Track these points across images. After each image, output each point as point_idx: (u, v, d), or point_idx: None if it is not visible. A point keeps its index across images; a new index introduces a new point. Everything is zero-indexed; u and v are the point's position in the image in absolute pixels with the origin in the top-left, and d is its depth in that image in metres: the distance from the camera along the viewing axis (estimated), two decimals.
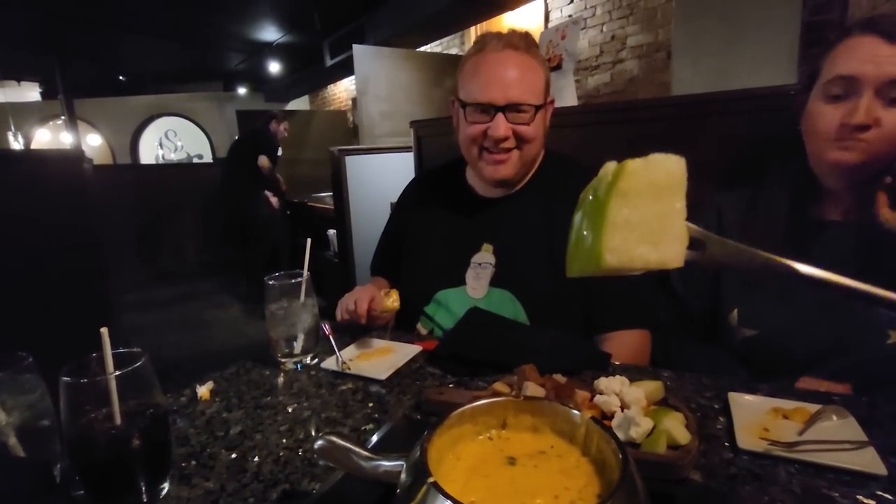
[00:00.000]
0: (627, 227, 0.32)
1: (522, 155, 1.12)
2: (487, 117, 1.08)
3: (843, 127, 0.88)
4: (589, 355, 0.90)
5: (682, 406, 0.68)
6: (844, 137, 0.88)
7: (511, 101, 1.06)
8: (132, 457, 0.58)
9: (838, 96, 0.89)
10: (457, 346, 0.94)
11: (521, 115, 1.08)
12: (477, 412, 0.53)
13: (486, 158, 1.12)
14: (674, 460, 0.59)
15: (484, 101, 1.08)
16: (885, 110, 0.85)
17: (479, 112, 1.09)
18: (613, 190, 0.31)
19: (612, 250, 0.31)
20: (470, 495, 0.45)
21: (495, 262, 1.15)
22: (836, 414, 0.68)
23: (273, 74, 9.12)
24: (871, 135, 0.86)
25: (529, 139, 1.10)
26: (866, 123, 0.85)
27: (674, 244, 0.31)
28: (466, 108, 1.12)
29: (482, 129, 1.10)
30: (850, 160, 0.88)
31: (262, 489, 0.61)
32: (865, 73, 0.85)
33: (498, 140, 1.08)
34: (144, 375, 0.59)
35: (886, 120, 0.85)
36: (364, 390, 0.86)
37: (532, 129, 1.10)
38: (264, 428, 0.75)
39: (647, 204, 0.32)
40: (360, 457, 0.51)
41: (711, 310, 1.07)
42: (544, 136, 1.17)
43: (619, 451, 0.44)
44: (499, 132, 1.07)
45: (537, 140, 1.13)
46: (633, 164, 0.33)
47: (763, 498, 0.56)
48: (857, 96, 0.86)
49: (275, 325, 0.96)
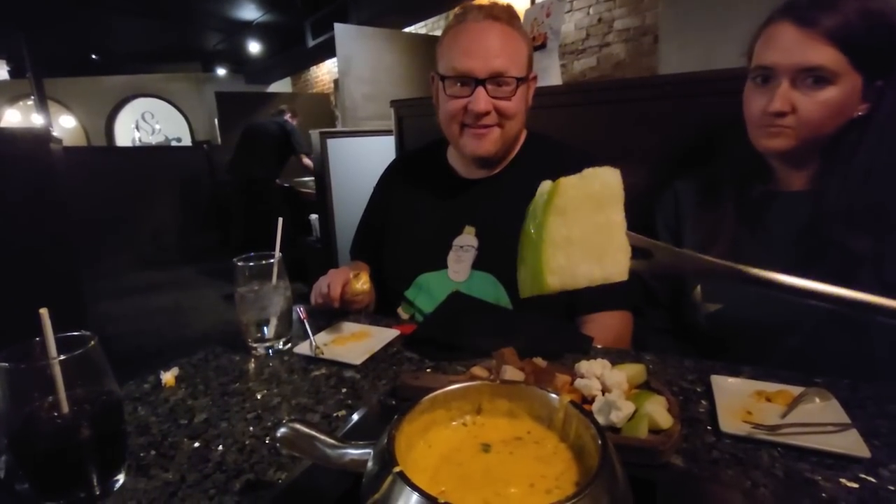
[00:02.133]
0: (568, 245, 0.30)
1: (504, 132, 1.08)
2: (467, 90, 1.04)
3: (765, 115, 0.89)
4: (571, 338, 0.88)
5: (664, 389, 0.66)
6: (767, 124, 0.89)
7: (493, 71, 1.02)
8: (81, 448, 0.54)
9: (761, 83, 0.90)
10: (435, 330, 0.91)
11: (503, 88, 1.04)
12: (450, 397, 0.51)
13: (468, 133, 1.08)
14: (655, 445, 0.57)
15: (464, 71, 1.03)
16: (802, 96, 0.85)
17: (459, 85, 1.05)
18: (550, 208, 0.28)
19: (553, 271, 0.29)
20: (440, 485, 0.42)
21: (477, 245, 1.12)
22: (819, 396, 0.67)
23: (253, 55, 8.89)
24: (790, 121, 0.87)
25: (511, 115, 1.07)
26: (783, 111, 0.86)
27: (617, 256, 0.29)
28: (446, 81, 1.07)
29: (462, 105, 1.05)
30: (778, 146, 0.90)
31: (224, 480, 0.58)
32: (779, 63, 0.86)
33: (479, 114, 1.04)
34: (94, 360, 0.55)
35: (803, 106, 0.85)
36: (338, 376, 0.83)
37: (514, 104, 1.06)
38: (231, 415, 0.71)
39: (586, 218, 0.30)
40: (326, 445, 0.48)
41: (674, 290, 1.08)
42: (526, 113, 1.13)
43: (598, 436, 0.41)
44: (479, 106, 1.03)
45: (519, 116, 1.09)
46: (568, 180, 0.30)
47: (745, 482, 0.54)
48: (777, 83, 0.87)
49: (245, 308, 0.91)
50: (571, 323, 1.05)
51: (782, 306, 0.93)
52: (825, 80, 0.84)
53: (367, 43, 4.46)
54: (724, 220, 0.98)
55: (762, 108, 0.89)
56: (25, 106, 8.93)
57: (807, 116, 0.85)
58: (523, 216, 1.09)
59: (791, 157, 0.92)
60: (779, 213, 0.96)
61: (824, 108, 0.85)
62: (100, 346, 0.56)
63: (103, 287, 4.61)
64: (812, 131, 0.87)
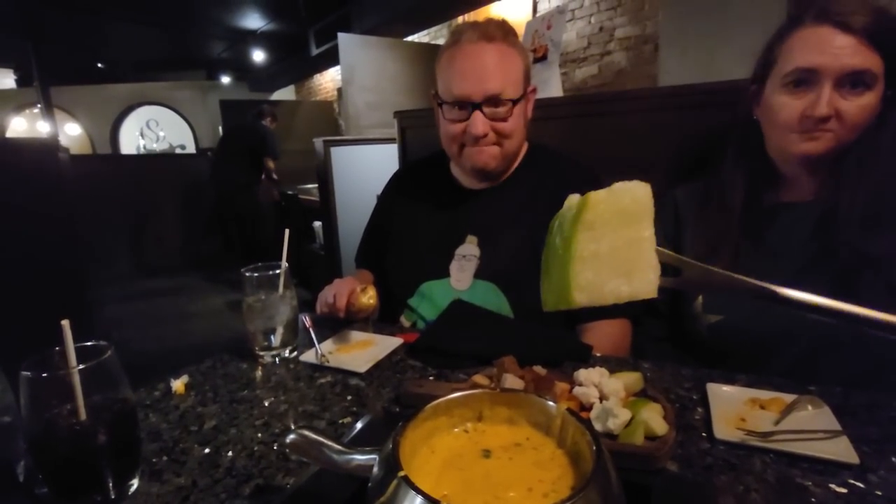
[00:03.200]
0: (597, 261, 0.29)
1: (503, 149, 1.12)
2: (465, 114, 1.07)
3: (805, 119, 0.88)
4: (570, 347, 0.90)
5: (660, 397, 0.68)
6: (809, 129, 0.89)
7: (488, 94, 1.05)
8: (98, 453, 0.56)
9: (798, 87, 0.89)
10: (438, 339, 0.94)
11: (500, 109, 1.07)
12: (452, 404, 0.53)
13: (468, 151, 1.11)
14: (651, 451, 0.59)
15: (460, 96, 1.06)
16: (843, 100, 0.86)
17: (457, 109, 1.08)
18: (579, 222, 0.28)
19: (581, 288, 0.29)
20: (443, 489, 0.44)
21: (480, 254, 1.14)
22: (812, 404, 0.69)
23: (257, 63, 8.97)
24: (833, 124, 0.87)
25: (509, 133, 1.09)
26: (828, 115, 0.86)
27: (646, 273, 0.29)
28: (444, 106, 1.10)
29: (461, 129, 1.09)
30: (817, 150, 0.89)
31: (234, 484, 0.60)
32: (824, 65, 0.85)
33: (477, 137, 1.07)
34: (110, 369, 0.57)
35: (845, 110, 0.86)
36: (343, 383, 0.85)
37: (511, 123, 1.09)
38: (239, 422, 0.74)
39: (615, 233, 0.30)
40: (333, 451, 0.50)
41: (676, 299, 1.08)
42: (526, 126, 1.16)
43: (592, 441, 0.43)
44: (477, 130, 1.06)
45: (517, 133, 1.12)
46: (597, 194, 0.30)
47: (738, 487, 0.56)
48: (817, 87, 0.87)
49: (252, 317, 0.94)
50: (571, 331, 1.07)
51: (783, 318, 0.94)
52: (865, 84, 0.84)
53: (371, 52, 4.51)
54: (727, 229, 0.98)
55: (799, 112, 0.88)
56: (32, 114, 9.02)
57: (850, 121, 0.85)
58: (524, 226, 1.13)
59: (821, 162, 0.91)
60: (785, 223, 0.96)
61: (864, 113, 0.85)
62: (115, 356, 0.58)
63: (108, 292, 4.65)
64: (850, 135, 0.87)
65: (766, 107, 0.95)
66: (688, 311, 1.03)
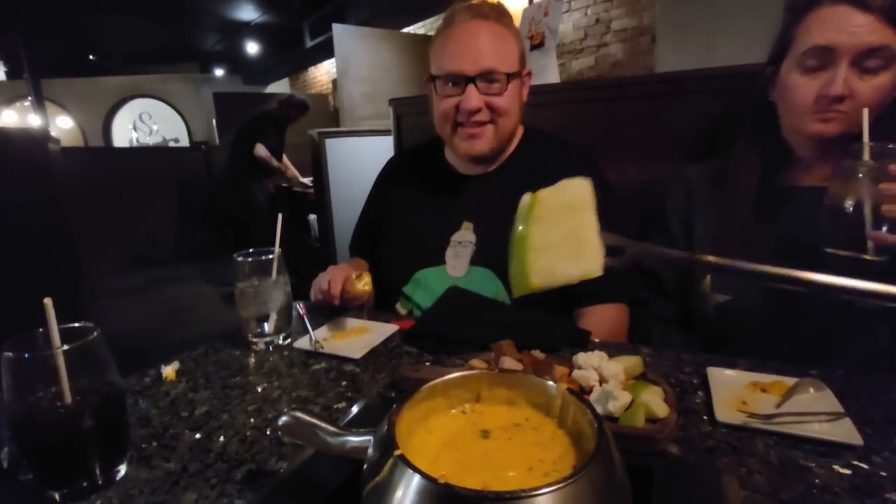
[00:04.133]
0: (548, 248, 0.32)
1: (498, 129, 1.09)
2: (458, 90, 1.05)
3: (820, 98, 0.87)
4: (568, 332, 0.89)
5: (660, 380, 0.67)
6: (823, 109, 0.87)
7: (482, 68, 1.03)
8: (84, 438, 0.54)
9: (814, 67, 0.88)
10: (434, 325, 0.92)
11: (494, 84, 1.05)
12: (450, 385, 0.51)
13: (461, 133, 1.10)
14: (652, 433, 0.58)
15: (454, 70, 1.04)
16: (859, 80, 0.85)
17: (451, 85, 1.06)
18: (530, 217, 0.30)
19: (536, 273, 0.32)
20: (441, 469, 0.42)
21: (476, 241, 1.12)
22: (813, 386, 0.68)
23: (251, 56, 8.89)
24: (847, 105, 0.85)
25: (503, 111, 1.07)
26: (843, 94, 0.84)
27: (592, 254, 0.32)
28: (437, 82, 1.08)
29: (454, 104, 1.07)
30: (831, 132, 0.88)
31: (226, 469, 0.58)
32: (841, 43, 0.84)
33: (470, 112, 1.05)
34: (96, 351, 0.56)
35: (861, 90, 0.84)
36: (337, 369, 0.83)
37: (505, 100, 1.06)
38: (231, 408, 0.72)
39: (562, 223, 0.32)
40: (327, 433, 0.49)
41: (683, 280, 1.08)
42: (520, 109, 1.14)
43: (594, 420, 0.42)
44: (470, 103, 1.04)
45: (512, 112, 1.10)
46: (545, 191, 0.33)
47: (740, 469, 0.55)
48: (833, 67, 0.86)
49: (245, 303, 0.92)
50: (568, 317, 1.05)
51: (791, 299, 0.94)
52: (882, 64, 0.83)
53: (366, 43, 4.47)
54: (740, 210, 0.97)
55: (815, 92, 0.87)
56: (22, 107, 8.90)
57: (864, 101, 0.84)
58: None
59: (834, 144, 0.89)
60: (798, 206, 0.96)
61: (879, 93, 0.84)
62: (102, 338, 0.56)
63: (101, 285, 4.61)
64: None
65: (782, 88, 0.94)
66: (695, 290, 1.03)
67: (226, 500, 0.53)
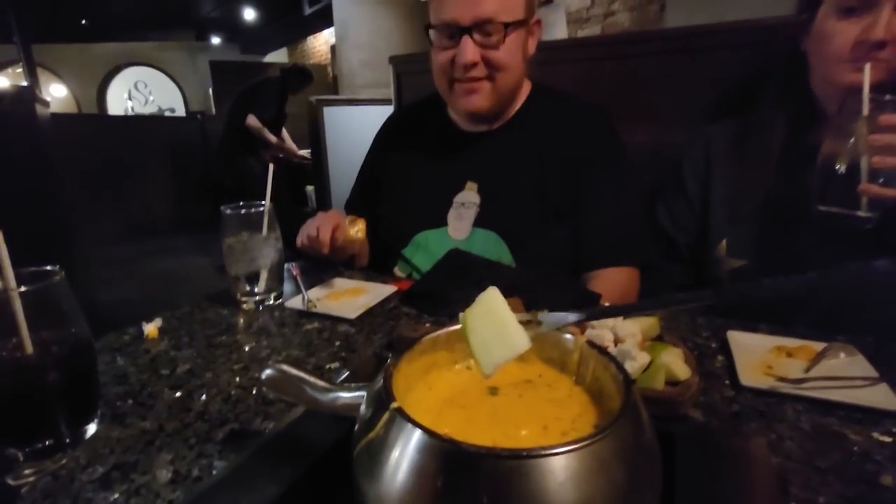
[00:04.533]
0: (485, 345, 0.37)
1: (496, 86, 1.01)
2: (454, 42, 0.97)
3: (859, 45, 0.80)
4: (578, 293, 0.83)
5: (679, 342, 0.62)
6: (860, 57, 0.80)
7: (478, 18, 0.94)
8: (47, 392, 0.49)
9: (852, 10, 0.81)
10: (435, 285, 0.87)
11: (492, 37, 0.96)
12: (453, 338, 0.46)
13: (458, 89, 1.02)
14: (673, 396, 0.53)
15: (448, 19, 0.96)
16: None
17: (446, 36, 0.98)
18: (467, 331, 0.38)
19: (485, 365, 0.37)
20: (444, 427, 0.37)
21: (480, 202, 1.06)
22: (844, 351, 0.63)
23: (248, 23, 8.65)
24: (888, 52, 0.78)
25: (501, 66, 0.98)
26: (885, 40, 0.77)
27: (516, 336, 0.37)
28: (433, 32, 1.00)
29: (450, 57, 0.99)
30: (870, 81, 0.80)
31: (206, 429, 0.53)
32: None
33: (466, 66, 0.97)
34: (59, 297, 0.50)
35: None
36: (331, 329, 0.78)
37: (504, 53, 0.97)
38: (216, 367, 0.67)
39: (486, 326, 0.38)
40: (316, 388, 0.44)
41: (697, 245, 1.04)
42: (525, 63, 1.05)
43: (619, 374, 0.37)
44: (466, 56, 0.96)
45: (513, 67, 1.01)
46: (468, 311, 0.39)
47: (770, 435, 0.50)
48: (875, 10, 0.78)
49: (233, 260, 0.86)
50: (577, 280, 1.00)
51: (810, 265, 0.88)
52: None
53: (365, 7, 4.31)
54: (763, 170, 0.92)
55: (853, 38, 0.80)
56: (14, 73, 8.69)
57: None
58: (528, 171, 1.05)
59: None
60: None
61: None
62: (66, 282, 0.51)
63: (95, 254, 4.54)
64: None
65: (817, 35, 0.87)
66: (710, 256, 0.98)
67: (204, 460, 0.48)
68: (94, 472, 0.47)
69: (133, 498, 0.44)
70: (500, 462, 0.28)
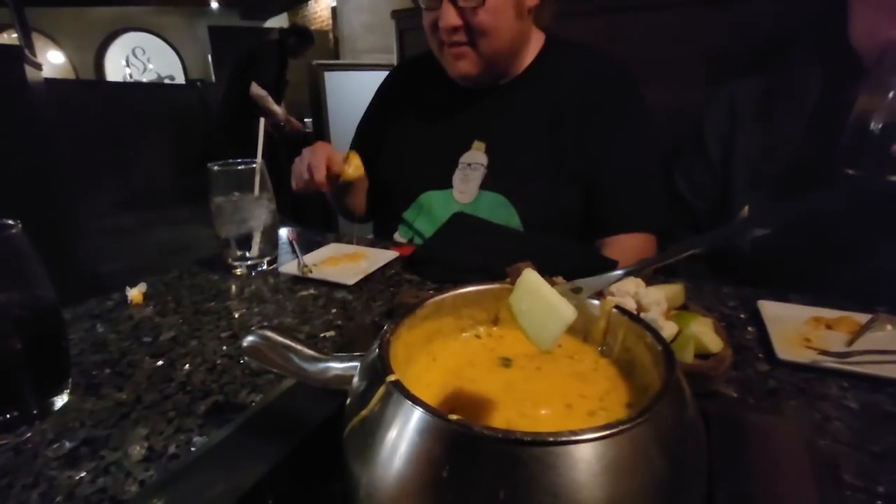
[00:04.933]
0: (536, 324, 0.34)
1: (480, 52, 0.92)
2: (437, 3, 0.89)
3: None
4: (592, 259, 0.77)
5: (707, 312, 0.56)
6: None
7: None
8: (7, 360, 0.44)
9: None
10: (439, 250, 0.81)
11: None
12: (460, 302, 0.41)
13: (446, 53, 0.94)
14: (705, 370, 0.47)
15: None
16: None
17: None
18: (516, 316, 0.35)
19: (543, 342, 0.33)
20: (448, 403, 0.32)
21: (487, 162, 0.99)
22: (891, 323, 0.57)
23: None
24: None
25: (484, 30, 0.89)
26: None
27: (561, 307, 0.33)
28: None
29: (433, 19, 0.90)
30: None
31: (187, 401, 0.48)
32: None
33: (447, 30, 0.89)
34: (18, 254, 0.44)
35: None
36: (327, 296, 0.73)
37: (487, 17, 0.88)
38: (202, 334, 0.62)
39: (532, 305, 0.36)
40: (303, 357, 0.38)
41: (716, 213, 0.99)
42: (520, 19, 0.94)
43: (657, 344, 0.31)
44: (444, 20, 0.88)
45: (500, 29, 0.90)
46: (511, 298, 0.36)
47: (814, 414, 0.45)
48: None
49: (223, 221, 0.80)
50: (590, 245, 0.94)
51: (833, 233, 0.82)
52: None
53: None
54: (793, 127, 0.85)
55: None
56: (9, 38, 8.48)
57: None
58: (539, 130, 0.97)
59: None
60: None
61: None
62: (25, 238, 0.45)
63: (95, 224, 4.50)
64: None
65: None
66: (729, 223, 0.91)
67: (183, 436, 0.44)
68: (61, 447, 0.43)
69: (101, 477, 0.39)
70: (520, 449, 0.23)
